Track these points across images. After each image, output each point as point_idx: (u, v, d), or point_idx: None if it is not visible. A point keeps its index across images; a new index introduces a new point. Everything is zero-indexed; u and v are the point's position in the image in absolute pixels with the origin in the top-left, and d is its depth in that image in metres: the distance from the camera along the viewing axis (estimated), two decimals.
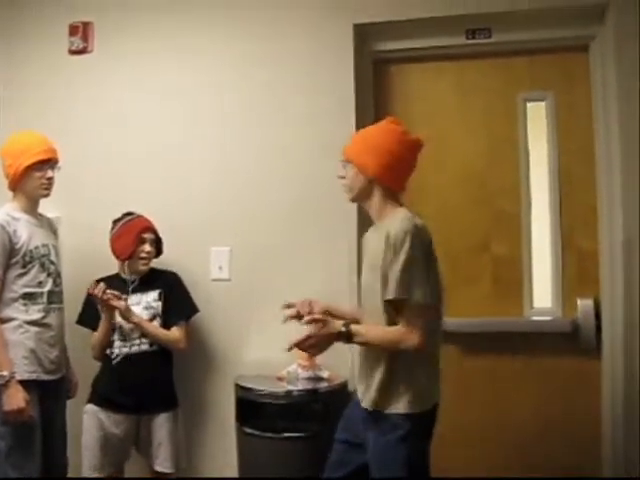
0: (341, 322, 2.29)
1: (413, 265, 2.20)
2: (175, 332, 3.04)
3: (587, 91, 3.18)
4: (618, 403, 3.03)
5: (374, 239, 2.37)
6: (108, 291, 2.89)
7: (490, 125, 3.28)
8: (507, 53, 3.27)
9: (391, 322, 2.26)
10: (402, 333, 2.21)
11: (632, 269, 2.99)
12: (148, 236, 3.05)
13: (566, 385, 3.16)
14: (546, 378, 3.18)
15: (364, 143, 2.40)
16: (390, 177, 2.37)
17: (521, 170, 3.24)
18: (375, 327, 2.30)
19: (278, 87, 3.28)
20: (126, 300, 2.94)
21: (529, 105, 3.26)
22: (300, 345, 2.26)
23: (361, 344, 2.32)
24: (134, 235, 3.01)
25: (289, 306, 2.57)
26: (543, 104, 3.24)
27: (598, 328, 3.11)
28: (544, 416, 3.18)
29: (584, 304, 3.13)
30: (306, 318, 2.31)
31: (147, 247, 3.04)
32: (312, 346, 2.27)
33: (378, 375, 2.28)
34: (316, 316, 2.29)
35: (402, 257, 2.19)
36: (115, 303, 2.89)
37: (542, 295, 3.22)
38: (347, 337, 2.25)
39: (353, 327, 2.26)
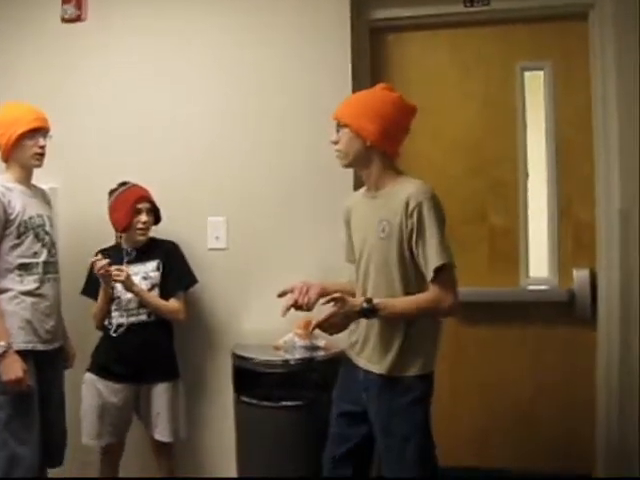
0: (361, 298, 2.28)
1: (443, 229, 2.26)
2: (174, 303, 3.04)
3: (585, 60, 3.16)
4: (613, 373, 3.06)
5: (378, 207, 2.35)
6: (111, 267, 2.88)
7: (488, 94, 3.27)
8: (505, 21, 3.24)
9: (406, 290, 2.30)
10: (437, 296, 2.24)
11: (628, 239, 3.01)
12: (143, 206, 3.02)
13: (562, 354, 3.19)
14: (542, 348, 3.21)
15: (361, 107, 2.37)
16: (388, 143, 2.36)
17: (518, 140, 3.24)
18: (402, 298, 2.30)
19: (274, 57, 3.25)
20: (127, 271, 2.93)
21: (527, 74, 3.24)
22: (321, 325, 2.24)
23: (389, 317, 2.27)
24: (129, 206, 2.99)
25: (284, 293, 2.48)
26: (541, 73, 3.22)
27: (594, 298, 3.13)
28: (540, 385, 3.21)
29: (580, 274, 3.14)
30: (325, 299, 2.27)
31: (143, 217, 3.02)
32: (333, 325, 2.25)
33: (397, 341, 2.31)
34: (335, 295, 2.24)
35: (435, 223, 2.24)
36: (116, 273, 2.89)
37: (538, 265, 3.23)
38: (372, 312, 2.23)
39: (377, 301, 2.23)
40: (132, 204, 2.99)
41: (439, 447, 2.38)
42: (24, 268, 2.82)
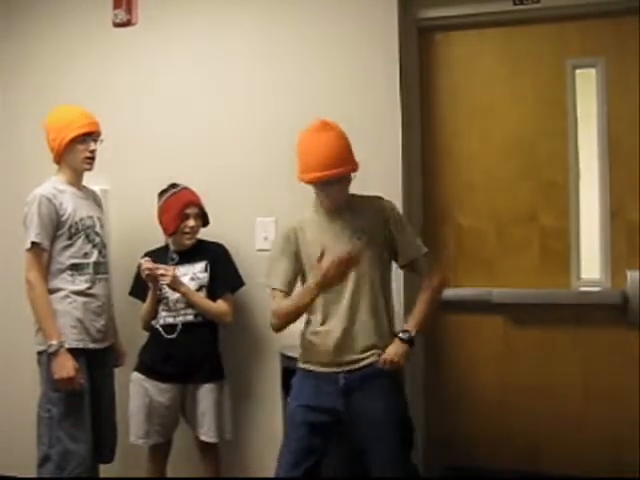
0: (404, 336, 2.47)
1: None
2: (221, 305, 3.05)
3: (639, 56, 3.08)
4: None
5: (346, 222, 2.52)
6: (157, 267, 2.92)
7: (538, 93, 3.22)
8: (556, 18, 3.18)
9: (384, 285, 2.55)
10: (441, 279, 2.57)
11: None
12: (191, 211, 3.03)
13: (614, 358, 3.12)
14: (593, 351, 3.14)
15: (349, 150, 2.51)
16: None
17: (569, 139, 3.18)
18: (418, 305, 2.54)
19: (321, 58, 3.25)
20: (174, 271, 2.95)
21: (578, 72, 3.18)
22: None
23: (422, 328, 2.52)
24: (177, 211, 3.01)
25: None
26: (593, 71, 3.16)
27: None
28: (590, 390, 3.14)
29: (634, 275, 3.06)
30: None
31: (191, 222, 3.03)
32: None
33: (382, 330, 2.50)
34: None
35: (405, 220, 2.63)
36: (163, 273, 2.91)
37: (590, 266, 3.16)
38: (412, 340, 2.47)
39: (411, 328, 2.49)
40: (180, 209, 3.01)
41: (483, 450, 2.35)
42: (75, 268, 2.88)
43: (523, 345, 3.21)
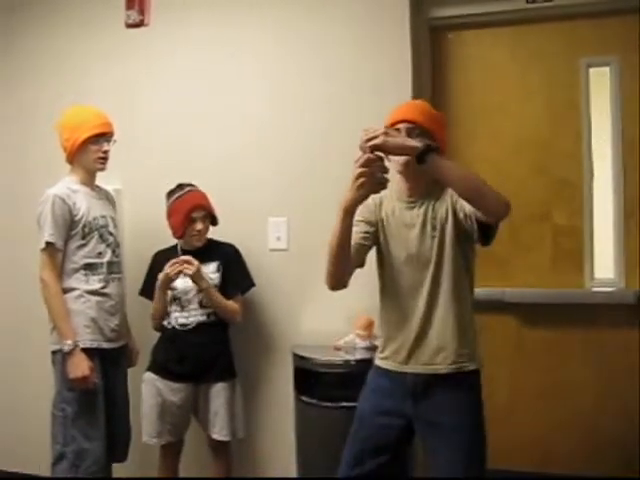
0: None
1: None
2: (234, 303, 3.07)
3: None
4: None
5: (423, 213, 2.29)
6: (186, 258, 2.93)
7: (551, 92, 3.21)
8: (568, 16, 3.17)
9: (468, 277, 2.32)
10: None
11: None
12: (197, 214, 3.02)
13: (628, 359, 3.10)
14: (607, 352, 3.13)
15: (435, 116, 2.35)
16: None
17: (583, 138, 3.17)
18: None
19: (334, 58, 3.24)
20: (197, 263, 2.93)
21: (592, 70, 3.17)
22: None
23: (442, 169, 2.07)
24: (183, 215, 3.00)
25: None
26: (607, 69, 3.15)
27: None
28: (604, 390, 3.13)
29: None
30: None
31: (198, 226, 3.03)
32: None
33: (458, 334, 2.26)
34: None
35: None
36: (189, 261, 2.91)
37: (604, 266, 3.15)
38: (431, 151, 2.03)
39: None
40: (187, 213, 3.00)
41: (497, 451, 2.34)
42: (89, 268, 2.89)
43: (536, 345, 3.20)
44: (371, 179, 2.01)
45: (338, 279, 2.29)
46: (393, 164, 2.24)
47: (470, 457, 2.25)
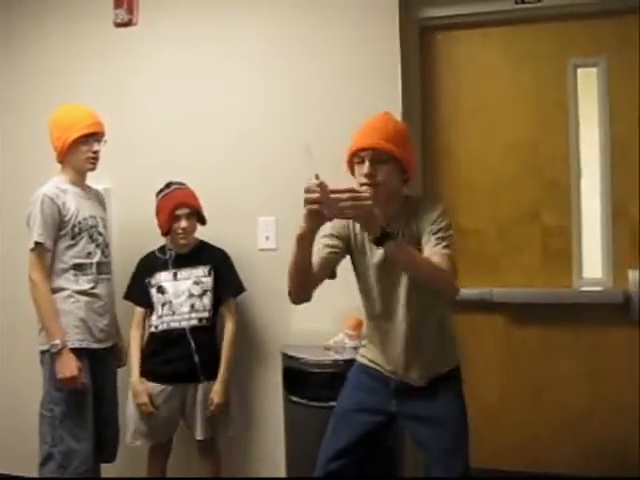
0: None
1: None
2: (230, 329, 3.08)
3: None
4: None
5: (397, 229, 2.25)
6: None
7: (540, 92, 3.21)
8: (558, 17, 3.18)
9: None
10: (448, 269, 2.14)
11: None
12: (182, 212, 3.01)
13: (616, 358, 3.12)
14: (595, 351, 3.14)
15: (404, 140, 2.26)
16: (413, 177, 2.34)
17: (571, 138, 3.18)
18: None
19: (322, 58, 3.24)
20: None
21: (580, 71, 3.18)
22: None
23: (400, 255, 2.07)
24: (167, 213, 3.00)
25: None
26: (595, 70, 3.16)
27: None
28: (592, 389, 3.14)
29: (635, 275, 3.06)
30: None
31: (182, 223, 3.01)
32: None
33: (440, 352, 2.32)
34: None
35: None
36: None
37: (592, 265, 3.16)
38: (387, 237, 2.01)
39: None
40: (171, 211, 3.00)
41: (487, 450, 2.35)
42: (79, 268, 2.89)
43: (524, 345, 3.21)
44: (320, 212, 2.00)
45: (300, 297, 2.29)
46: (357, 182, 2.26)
47: (459, 442, 2.28)
